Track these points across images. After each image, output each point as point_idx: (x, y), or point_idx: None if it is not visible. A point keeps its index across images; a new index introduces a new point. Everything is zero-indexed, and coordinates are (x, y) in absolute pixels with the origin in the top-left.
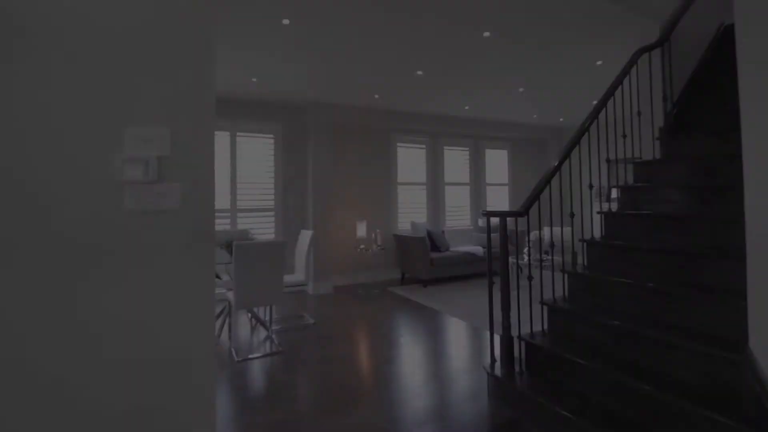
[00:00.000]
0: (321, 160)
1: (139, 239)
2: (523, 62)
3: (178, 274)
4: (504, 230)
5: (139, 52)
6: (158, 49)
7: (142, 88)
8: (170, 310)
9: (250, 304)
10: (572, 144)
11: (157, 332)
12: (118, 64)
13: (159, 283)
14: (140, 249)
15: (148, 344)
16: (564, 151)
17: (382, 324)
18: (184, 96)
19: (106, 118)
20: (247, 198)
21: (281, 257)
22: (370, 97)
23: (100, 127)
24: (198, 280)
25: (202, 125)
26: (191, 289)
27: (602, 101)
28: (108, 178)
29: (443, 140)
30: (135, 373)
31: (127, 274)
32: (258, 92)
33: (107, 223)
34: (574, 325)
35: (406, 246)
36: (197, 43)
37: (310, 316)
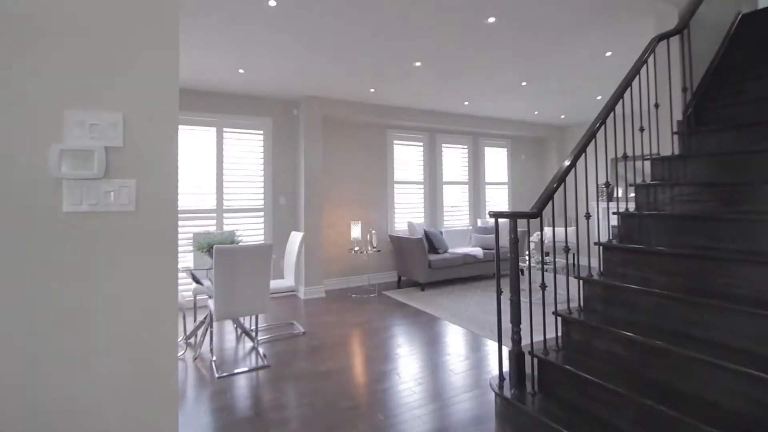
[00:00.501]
0: (313, 157)
1: (82, 247)
2: (527, 52)
3: (132, 287)
4: (515, 233)
5: (82, 17)
6: (109, 17)
7: (89, 63)
8: (121, 333)
9: (231, 315)
10: (588, 138)
11: (108, 359)
12: (56, 33)
13: (108, 299)
14: (83, 260)
15: (99, 372)
16: (579, 147)
17: (377, 332)
18: (142, 75)
19: (39, 99)
20: (234, 198)
21: (267, 262)
22: (365, 91)
23: (32, 110)
24: (156, 293)
25: (163, 111)
26: (147, 304)
27: (619, 91)
28: (42, 175)
29: (441, 137)
30: (79, 404)
31: (66, 290)
32: (246, 85)
33: (40, 229)
34: (593, 339)
35: (403, 247)
36: (158, 13)
37: (300, 324)
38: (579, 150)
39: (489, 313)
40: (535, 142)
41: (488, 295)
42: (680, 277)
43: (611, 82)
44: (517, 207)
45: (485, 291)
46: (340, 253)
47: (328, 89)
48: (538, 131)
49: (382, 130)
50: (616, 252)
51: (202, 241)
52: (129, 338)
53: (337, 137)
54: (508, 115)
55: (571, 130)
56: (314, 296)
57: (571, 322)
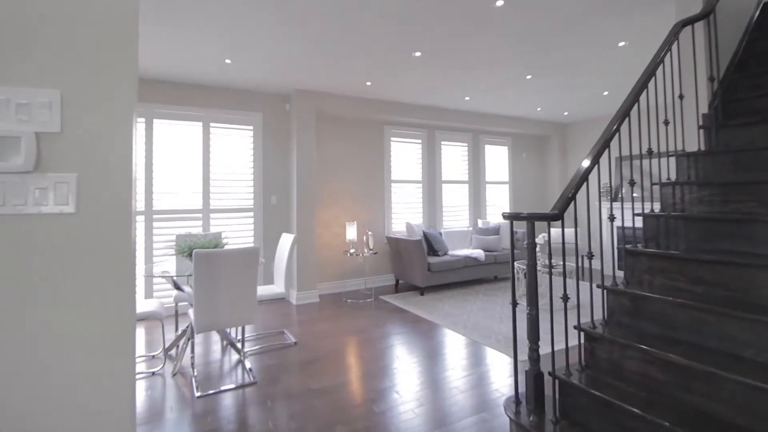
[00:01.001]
0: (306, 155)
1: (4, 260)
2: (535, 41)
3: (72, 306)
4: (532, 237)
5: None
6: None
7: (12, 24)
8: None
9: (213, 327)
10: (612, 132)
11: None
12: None
13: (40, 323)
14: (5, 276)
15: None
16: (602, 141)
17: (375, 342)
18: (87, 44)
19: None
20: (222, 197)
21: (254, 267)
22: (361, 85)
23: None
24: (104, 310)
25: (115, 90)
26: (93, 325)
27: (643, 80)
28: None
29: (440, 135)
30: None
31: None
32: (234, 77)
33: None
34: (624, 358)
35: (401, 250)
36: None
37: (291, 333)
38: (602, 145)
39: (493, 320)
40: (537, 140)
41: (490, 300)
42: (719, 287)
43: (621, 77)
44: (518, 207)
45: (487, 295)
46: (335, 255)
47: (322, 82)
48: (539, 129)
49: (379, 126)
50: (642, 258)
51: (183, 245)
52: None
53: (332, 134)
54: (509, 112)
55: (574, 128)
56: (307, 301)
57: (596, 339)
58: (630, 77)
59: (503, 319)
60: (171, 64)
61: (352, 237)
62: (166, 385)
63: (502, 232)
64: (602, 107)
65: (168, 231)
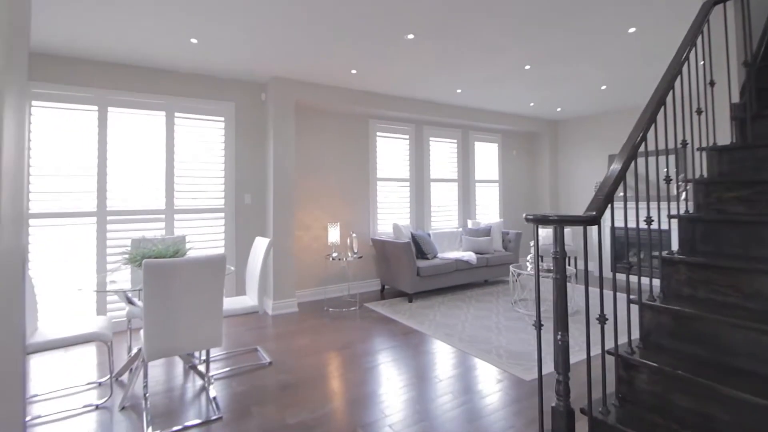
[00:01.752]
0: (284, 150)
1: None
2: (538, 24)
3: None
4: (561, 244)
5: None
6: None
7: None
8: None
9: (168, 352)
10: (647, 123)
11: None
12: None
13: None
14: None
15: None
16: (639, 137)
17: (361, 360)
18: None
19: None
20: (188, 196)
21: (219, 279)
22: (345, 73)
23: None
24: None
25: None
26: None
27: (675, 63)
28: None
29: (429, 130)
30: None
31: None
32: (202, 61)
33: None
34: (670, 391)
35: (388, 253)
36: None
37: (265, 351)
38: (640, 138)
39: (490, 331)
40: (527, 137)
41: (484, 306)
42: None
43: (623, 69)
44: (508, 207)
45: (480, 301)
46: (316, 259)
47: (302, 69)
48: (530, 125)
49: (364, 120)
50: (681, 267)
51: (135, 252)
52: None
53: (313, 127)
54: (501, 107)
55: (565, 125)
56: (285, 311)
57: (635, 367)
58: (633, 69)
59: (501, 329)
60: (127, 44)
61: (335, 240)
62: (113, 420)
63: (493, 233)
64: (597, 103)
65: (126, 235)
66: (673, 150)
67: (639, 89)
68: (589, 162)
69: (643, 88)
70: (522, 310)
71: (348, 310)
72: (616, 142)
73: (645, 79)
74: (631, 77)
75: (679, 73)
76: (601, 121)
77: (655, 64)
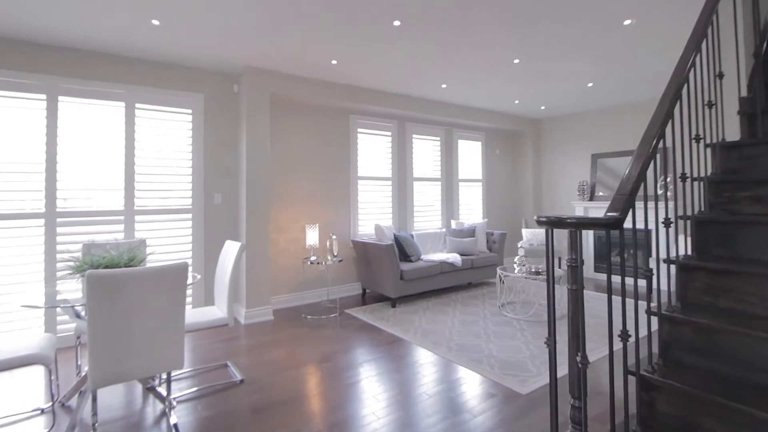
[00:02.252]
0: (258, 146)
1: None
2: (530, 14)
3: None
4: (578, 249)
5: None
6: None
7: None
8: None
9: (117, 378)
10: (666, 115)
11: None
12: None
13: None
14: None
15: None
16: (657, 127)
17: (342, 376)
18: None
19: None
20: (151, 196)
21: (180, 290)
22: (325, 63)
23: None
24: None
25: None
26: None
27: (693, 48)
28: None
29: (412, 127)
30: None
31: None
32: (166, 46)
33: None
34: (697, 415)
35: (370, 255)
36: None
37: (236, 366)
38: (659, 130)
39: (479, 338)
40: (510, 136)
41: (470, 311)
42: None
43: (614, 65)
44: (492, 208)
45: (466, 305)
46: (293, 263)
47: (279, 59)
48: (514, 124)
49: (345, 115)
50: (699, 274)
51: (84, 259)
52: None
53: (289, 122)
54: (486, 105)
55: (548, 124)
56: (259, 320)
57: (657, 387)
58: (624, 65)
59: (490, 335)
60: (80, 26)
61: (314, 242)
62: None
63: (477, 234)
64: (581, 101)
65: (80, 239)
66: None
67: (625, 87)
68: (572, 162)
69: (630, 86)
70: (510, 314)
71: (327, 317)
72: (599, 141)
73: (634, 76)
74: (620, 74)
75: (693, 65)
76: (584, 121)
77: (650, 58)
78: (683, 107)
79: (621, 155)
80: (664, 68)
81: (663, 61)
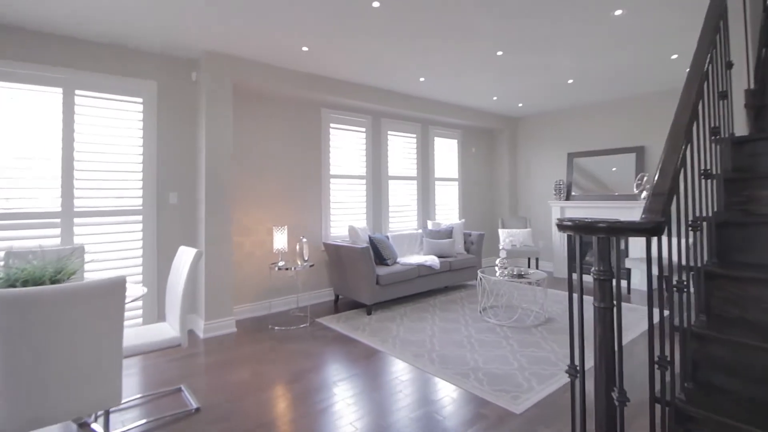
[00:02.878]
0: (219, 140)
1: None
2: (520, 1)
3: None
4: (607, 261)
5: None
6: None
7: None
8: None
9: (32, 423)
10: (695, 102)
11: None
12: None
13: None
14: None
15: None
16: (688, 117)
17: (315, 399)
18: None
19: None
20: (93, 195)
21: (116, 311)
22: (295, 49)
23: None
24: None
25: None
26: None
27: (711, 29)
28: None
29: (387, 123)
30: None
31: None
32: (113, 26)
33: None
34: None
35: (343, 259)
36: None
37: (192, 391)
38: (690, 118)
39: (462, 347)
40: (487, 134)
41: (451, 317)
42: None
43: (596, 60)
44: (468, 208)
45: (445, 311)
46: (259, 269)
47: (243, 44)
48: (490, 122)
49: (316, 108)
50: (724, 282)
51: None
52: None
53: (255, 115)
54: (464, 101)
55: (524, 123)
56: (219, 333)
57: (692, 418)
58: (609, 59)
59: (474, 344)
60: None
61: (282, 246)
62: None
63: (455, 235)
64: (559, 99)
65: (3, 245)
66: (713, 138)
67: (604, 85)
68: (548, 161)
69: (609, 83)
70: (492, 319)
71: (297, 327)
72: (575, 141)
73: (615, 71)
74: (602, 69)
75: (708, 54)
76: (561, 119)
77: (638, 51)
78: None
79: (597, 154)
80: (647, 62)
81: (648, 55)
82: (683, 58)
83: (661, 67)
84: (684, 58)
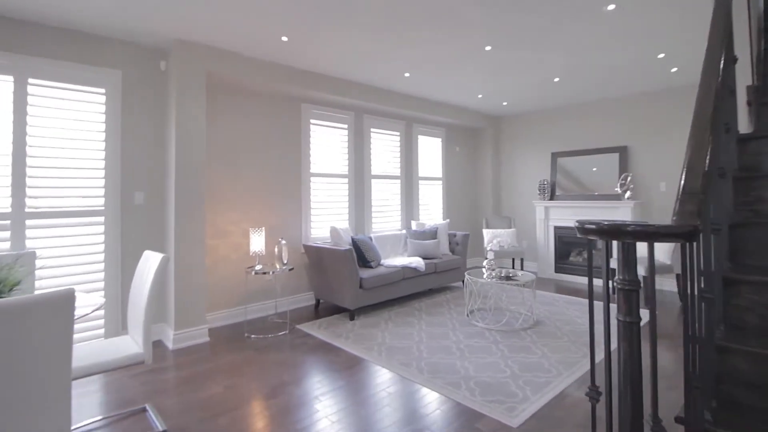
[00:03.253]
0: (191, 135)
1: None
2: None
3: None
4: (634, 271)
5: None
6: None
7: None
8: None
9: None
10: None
11: None
12: None
13: None
14: None
15: None
16: (710, 111)
17: (295, 417)
18: None
19: None
20: (49, 194)
21: (64, 329)
22: (275, 41)
23: None
24: None
25: None
26: None
27: (724, 15)
28: None
29: (370, 120)
30: None
31: None
32: (73, 9)
33: None
34: None
35: (325, 262)
36: None
37: (158, 410)
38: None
39: (451, 354)
40: (470, 132)
41: (437, 321)
42: None
43: (585, 57)
44: (452, 208)
45: (432, 314)
46: (234, 273)
47: (216, 31)
48: (474, 120)
49: (296, 104)
50: (743, 289)
51: None
52: None
53: (230, 109)
54: (448, 98)
55: (508, 122)
56: (191, 343)
57: None
58: (599, 56)
59: (463, 350)
60: None
61: (259, 248)
62: None
63: (439, 235)
64: (544, 98)
65: None
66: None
67: (589, 84)
68: (532, 160)
69: (594, 82)
70: (480, 323)
71: (276, 335)
72: (559, 140)
73: (602, 69)
74: (589, 67)
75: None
76: (545, 119)
77: (626, 49)
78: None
79: (581, 154)
80: (635, 60)
81: (637, 52)
82: (670, 57)
83: (647, 66)
84: (670, 58)
